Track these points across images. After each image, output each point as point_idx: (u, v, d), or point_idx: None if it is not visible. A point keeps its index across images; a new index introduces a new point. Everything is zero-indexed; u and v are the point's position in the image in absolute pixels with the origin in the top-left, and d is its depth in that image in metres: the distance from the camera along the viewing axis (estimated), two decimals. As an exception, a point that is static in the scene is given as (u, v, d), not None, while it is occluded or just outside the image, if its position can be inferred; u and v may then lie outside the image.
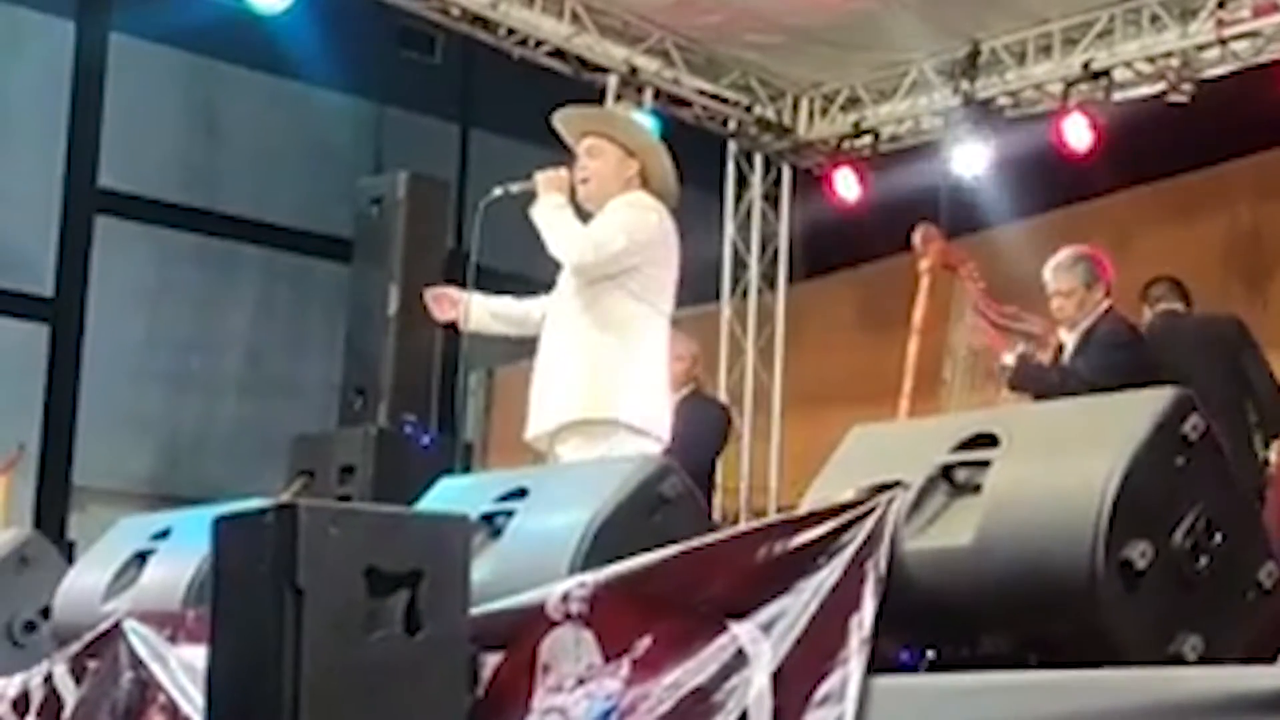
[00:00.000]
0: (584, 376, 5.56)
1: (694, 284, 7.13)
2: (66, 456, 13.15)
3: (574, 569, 3.83)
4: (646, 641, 3.55)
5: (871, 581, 3.31)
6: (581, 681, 3.62)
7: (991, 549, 3.27)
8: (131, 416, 13.50)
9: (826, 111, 11.74)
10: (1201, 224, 11.15)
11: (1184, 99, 9.91)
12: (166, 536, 5.06)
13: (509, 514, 4.20)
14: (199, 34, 12.78)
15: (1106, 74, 10.11)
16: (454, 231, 10.81)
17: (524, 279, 6.23)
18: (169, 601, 4.69)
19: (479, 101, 14.72)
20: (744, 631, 3.40)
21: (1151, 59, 10.09)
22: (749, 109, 11.74)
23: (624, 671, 3.56)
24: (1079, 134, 10.08)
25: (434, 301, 6.09)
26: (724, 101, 11.64)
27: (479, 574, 3.77)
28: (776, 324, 12.06)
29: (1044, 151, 10.34)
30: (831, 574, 3.36)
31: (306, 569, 3.37)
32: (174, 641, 4.41)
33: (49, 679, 4.76)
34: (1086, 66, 10.14)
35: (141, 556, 5.07)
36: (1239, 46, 9.80)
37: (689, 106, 11.44)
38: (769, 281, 12.13)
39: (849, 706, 3.20)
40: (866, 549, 3.35)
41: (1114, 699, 2.94)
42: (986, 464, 3.40)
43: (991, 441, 3.45)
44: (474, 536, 3.92)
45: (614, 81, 10.90)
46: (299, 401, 13.25)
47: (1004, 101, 10.80)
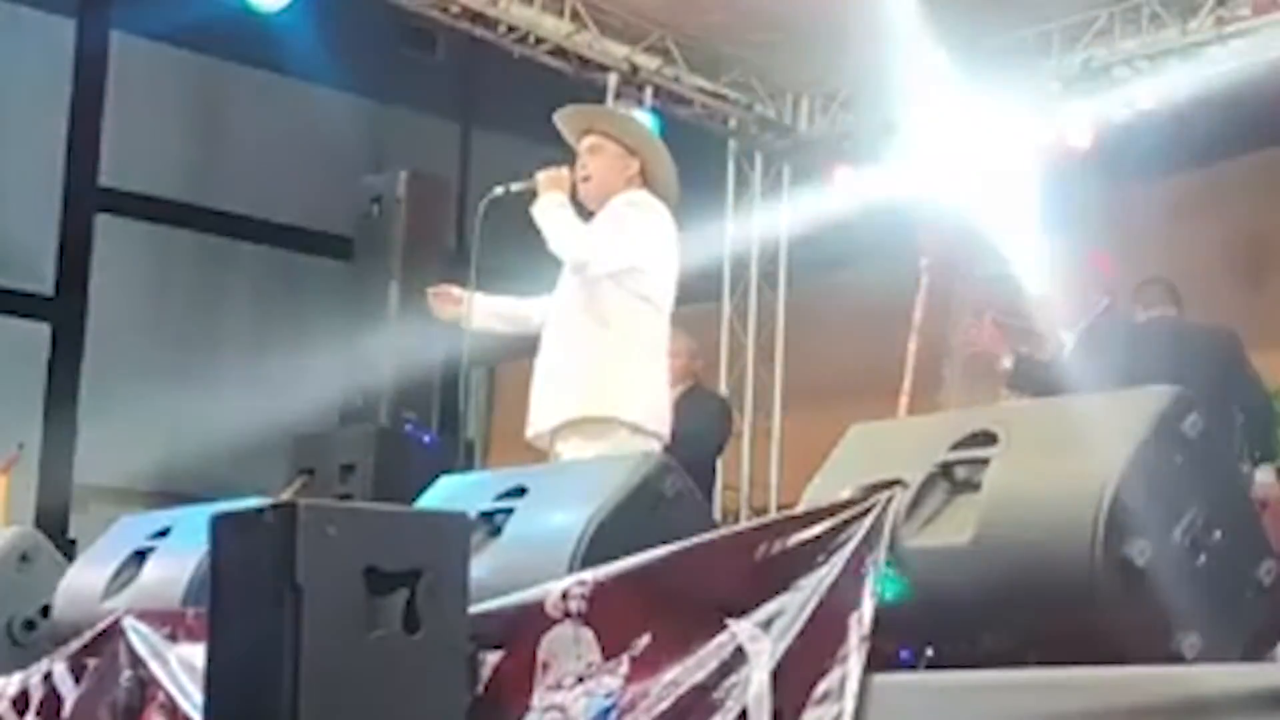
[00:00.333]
0: (584, 375, 5.56)
1: (694, 282, 7.11)
2: (67, 455, 13.13)
3: (573, 567, 3.83)
4: (646, 639, 3.55)
5: (871, 579, 3.31)
6: (581, 679, 3.63)
7: (990, 547, 3.27)
8: (132, 414, 13.46)
9: (827, 109, 11.74)
10: (1201, 222, 11.13)
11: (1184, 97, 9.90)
12: (166, 535, 5.06)
13: (508, 512, 4.21)
14: (200, 32, 12.76)
15: (1106, 72, 10.10)
16: (455, 230, 10.78)
17: (525, 277, 6.23)
18: (169, 600, 4.70)
19: (480, 100, 14.70)
20: (743, 629, 3.41)
21: (1150, 57, 10.08)
22: (749, 107, 11.74)
23: (623, 669, 3.56)
24: (1080, 132, 10.08)
25: (435, 299, 6.09)
26: (724, 99, 11.64)
27: (478, 572, 3.77)
28: (777, 322, 12.06)
29: (1044, 149, 10.32)
30: (831, 572, 3.36)
31: (305, 567, 3.37)
32: (174, 640, 4.42)
33: (49, 677, 4.76)
34: (1086, 64, 10.14)
35: (141, 555, 5.07)
36: (1239, 44, 9.79)
37: (689, 105, 11.44)
38: (769, 280, 12.13)
39: (848, 704, 3.20)
40: (866, 547, 3.35)
41: (1113, 697, 2.94)
42: (985, 462, 3.41)
43: (990, 439, 3.45)
44: (473, 535, 3.93)
45: (614, 80, 10.90)
46: (300, 400, 13.23)
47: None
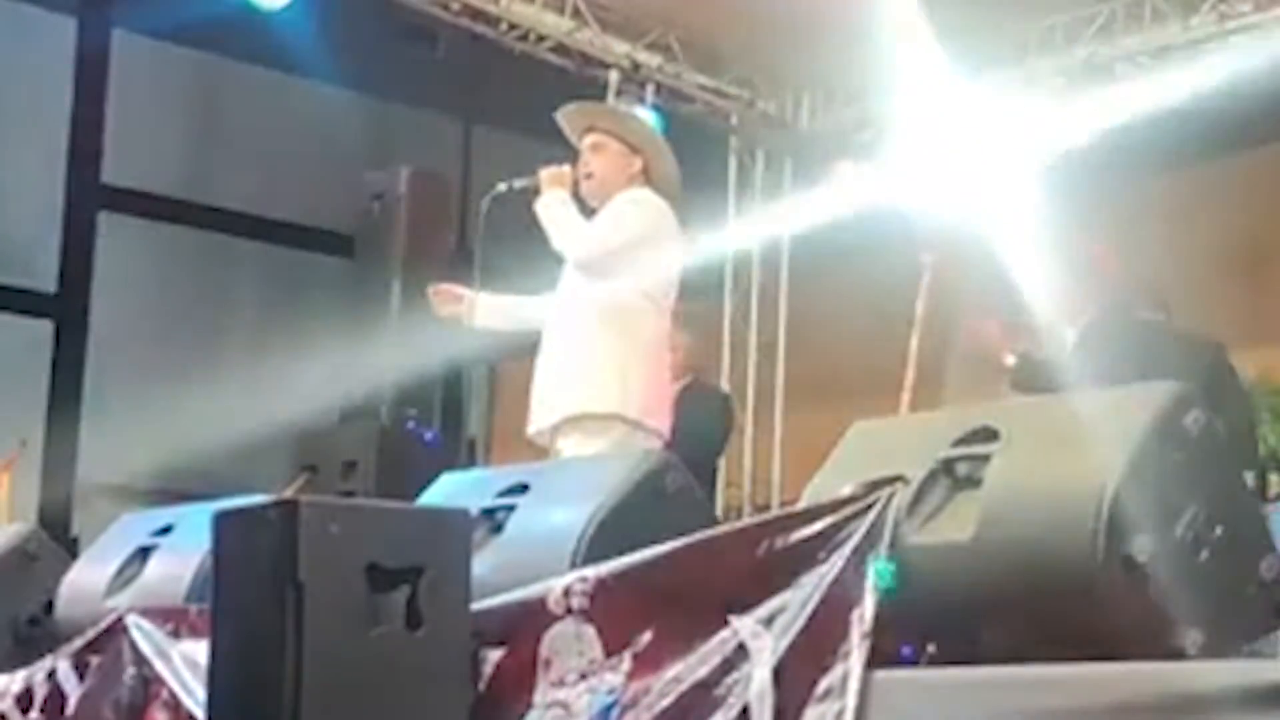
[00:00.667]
0: (585, 371, 5.57)
1: (697, 279, 7.12)
2: (70, 452, 13.14)
3: (575, 564, 3.84)
4: (648, 636, 3.56)
5: (872, 576, 3.32)
6: (583, 676, 3.63)
7: (992, 544, 3.27)
8: (135, 412, 13.45)
9: (829, 106, 11.73)
10: (1203, 218, 11.13)
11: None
12: (169, 532, 5.06)
13: (510, 509, 4.20)
14: (202, 30, 12.75)
15: (1108, 68, 10.10)
16: (457, 227, 10.78)
17: (527, 274, 6.23)
18: (172, 597, 4.70)
19: (481, 97, 14.67)
20: (745, 626, 3.41)
21: (1153, 53, 10.08)
22: (751, 104, 11.74)
23: (626, 666, 3.56)
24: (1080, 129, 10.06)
25: (435, 297, 6.09)
26: (726, 96, 11.64)
27: (480, 569, 3.77)
28: (779, 319, 12.05)
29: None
30: (832, 568, 3.36)
31: (307, 564, 3.38)
32: (176, 637, 4.42)
33: (52, 675, 4.77)
34: (1088, 61, 10.13)
35: (144, 552, 5.07)
36: (1241, 40, 9.79)
37: (691, 101, 11.44)
38: (772, 277, 12.12)
39: (850, 701, 3.20)
40: (867, 543, 3.35)
41: (1115, 693, 2.94)
42: (987, 458, 3.40)
43: (992, 436, 3.45)
44: (475, 532, 3.93)
45: (616, 77, 10.90)
46: (302, 397, 13.24)
47: (1006, 96, 10.78)
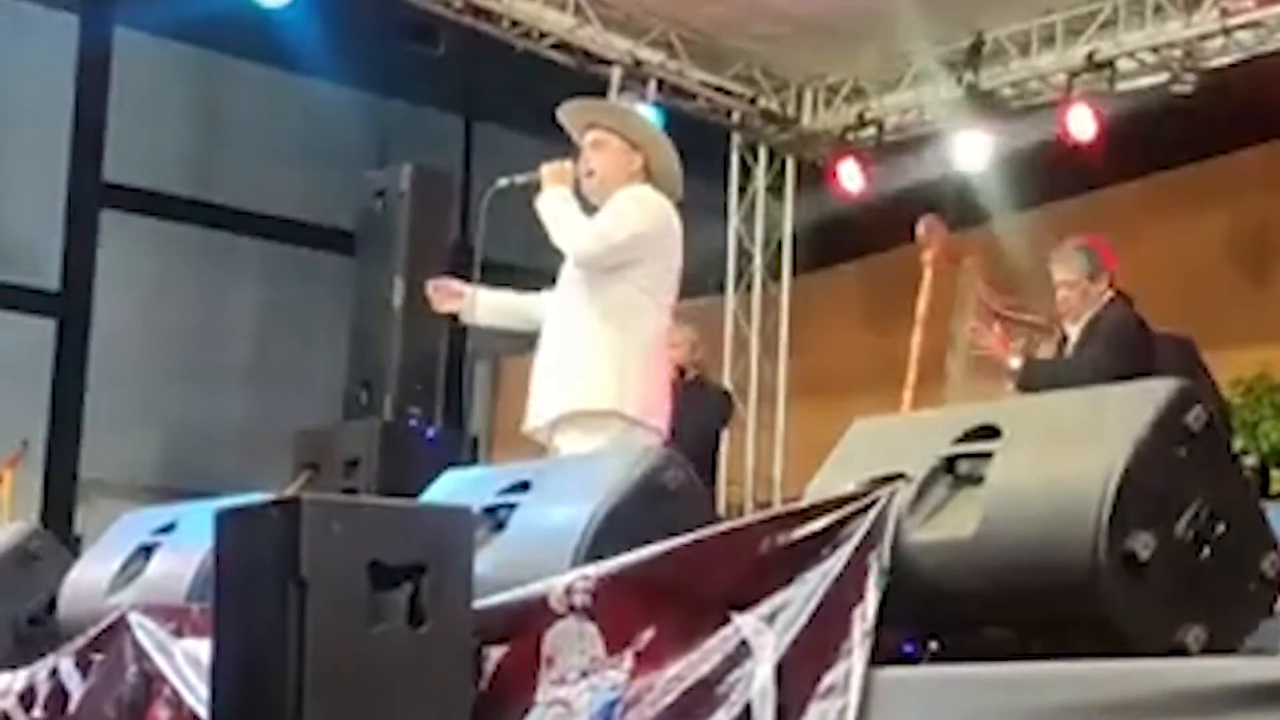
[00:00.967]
0: (583, 368, 5.57)
1: (698, 276, 7.12)
2: (73, 450, 13.15)
3: (577, 561, 3.83)
4: (650, 633, 3.56)
5: (874, 573, 3.32)
6: (585, 674, 3.63)
7: (994, 540, 3.28)
8: (137, 410, 13.49)
9: (830, 103, 11.74)
10: (1205, 215, 11.14)
11: (1188, 89, 9.90)
12: (171, 530, 5.07)
13: (512, 507, 4.21)
14: (203, 27, 12.76)
15: (1110, 64, 10.10)
16: (459, 223, 10.78)
17: (528, 271, 6.23)
18: (174, 595, 4.70)
19: (483, 94, 14.69)
20: (747, 623, 3.41)
21: (1155, 49, 10.08)
22: (753, 101, 11.74)
23: (627, 663, 3.56)
24: (1083, 125, 10.07)
25: (436, 294, 6.09)
26: (728, 93, 11.63)
27: (482, 567, 3.78)
28: (780, 316, 12.05)
29: (1048, 142, 10.32)
30: (835, 566, 3.36)
31: (309, 562, 3.38)
32: (179, 635, 4.42)
33: (55, 672, 4.77)
34: (1090, 57, 10.13)
35: (146, 550, 5.08)
36: (1243, 36, 9.79)
37: (693, 98, 11.44)
38: (773, 273, 12.12)
39: (852, 698, 3.20)
40: (869, 540, 3.35)
41: (1117, 690, 2.95)
42: (989, 456, 3.41)
43: (994, 433, 3.45)
44: (477, 529, 3.93)
45: (618, 74, 10.90)
46: (304, 395, 13.23)
47: (1008, 92, 10.79)
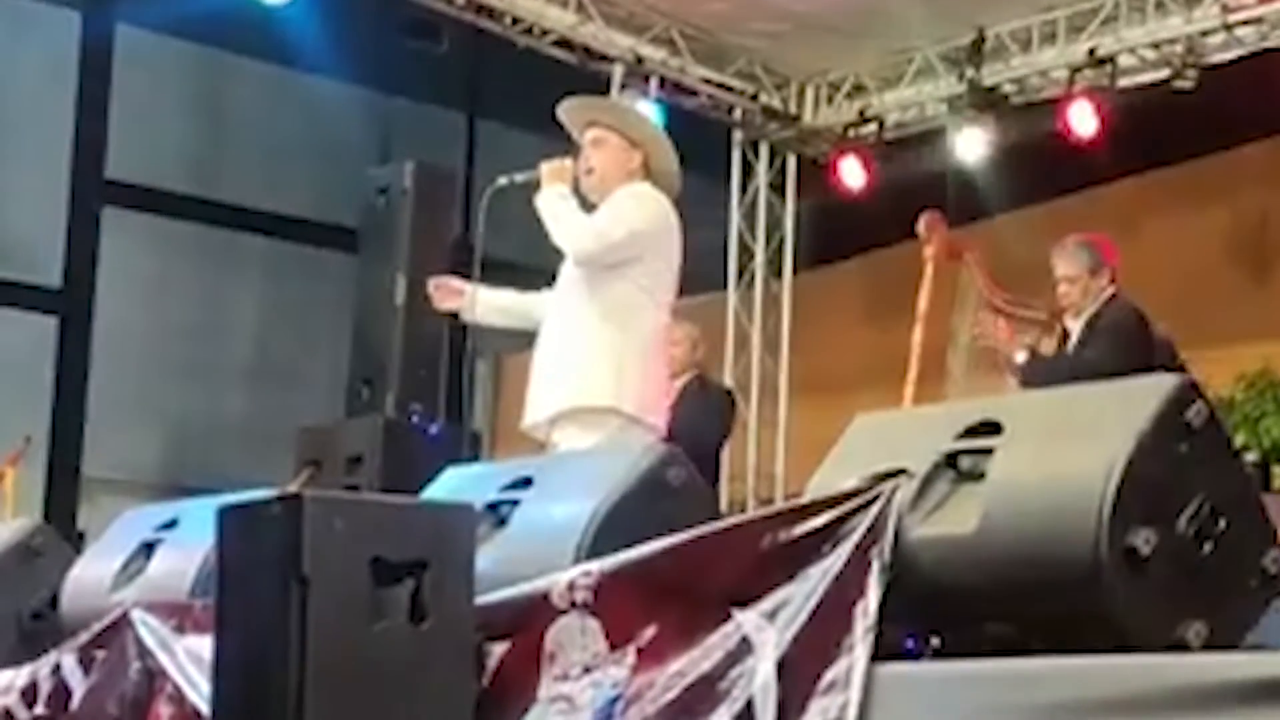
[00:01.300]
0: (582, 365, 5.57)
1: (700, 273, 7.12)
2: (75, 447, 13.16)
3: (579, 557, 3.84)
4: (652, 630, 3.56)
5: (876, 569, 3.32)
6: (587, 670, 3.63)
7: (995, 536, 3.28)
8: (140, 407, 13.50)
9: (832, 99, 11.73)
10: (1207, 210, 11.13)
11: (1189, 85, 9.89)
12: (174, 527, 5.07)
13: (514, 503, 4.21)
14: (205, 24, 12.76)
15: (1111, 60, 10.09)
16: (461, 221, 10.79)
17: (528, 268, 6.23)
18: (176, 592, 4.71)
19: (485, 91, 14.70)
20: (749, 619, 3.41)
21: (1156, 45, 10.08)
22: (754, 97, 11.73)
23: (630, 659, 3.57)
24: (1084, 121, 10.06)
25: (437, 292, 6.10)
26: (729, 90, 11.63)
27: (484, 563, 3.78)
28: (782, 312, 12.05)
29: (1049, 138, 10.32)
30: (836, 562, 3.37)
31: (311, 559, 3.38)
32: (181, 632, 4.43)
33: (57, 669, 4.77)
34: (1092, 53, 10.12)
35: (149, 547, 5.08)
36: (1244, 32, 9.79)
37: (694, 95, 11.43)
38: (775, 270, 12.12)
39: (854, 694, 3.21)
40: (871, 537, 3.36)
41: (1118, 685, 2.95)
42: (990, 451, 3.41)
43: (995, 429, 3.45)
44: (479, 526, 3.94)
45: (619, 71, 10.90)
46: (306, 392, 13.25)
47: (1009, 88, 10.79)
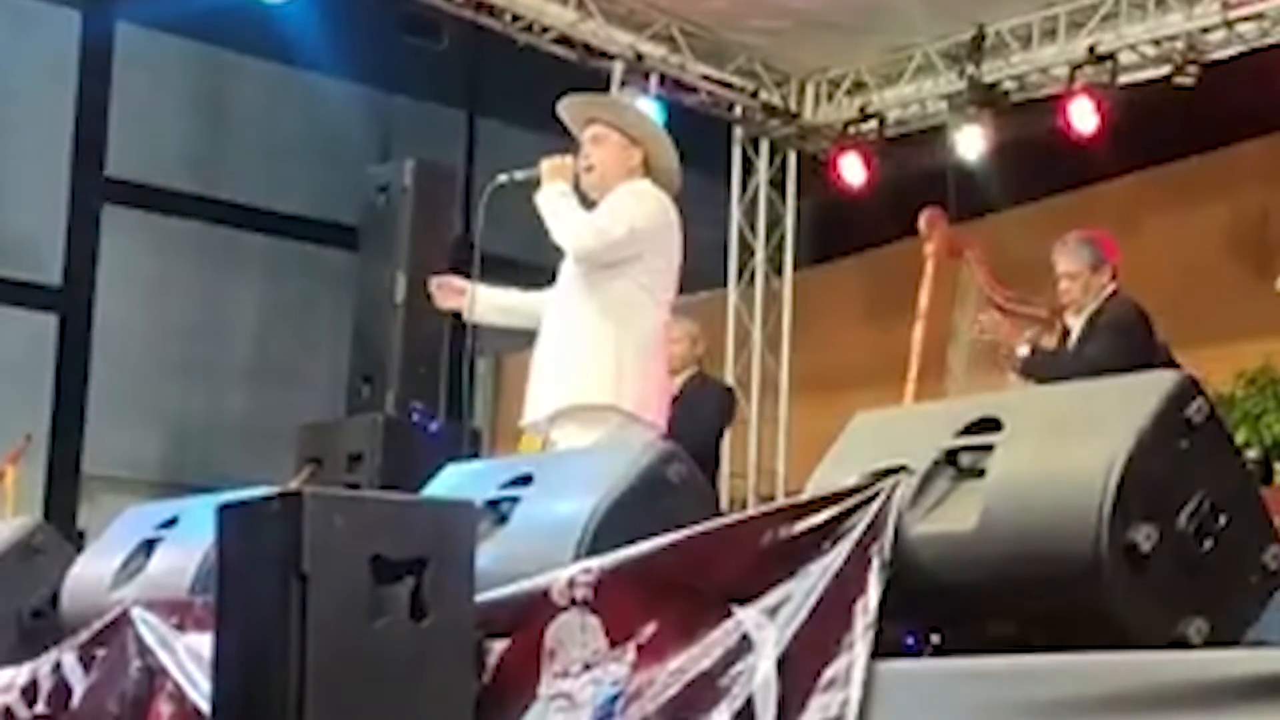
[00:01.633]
0: (581, 363, 5.57)
1: (700, 270, 7.12)
2: (76, 446, 13.16)
3: (579, 555, 3.84)
4: (652, 627, 3.56)
5: (876, 566, 3.32)
6: (588, 667, 3.63)
7: (996, 533, 3.28)
8: (140, 405, 13.50)
9: (832, 96, 11.73)
10: (1208, 207, 11.13)
11: (1190, 82, 9.89)
12: (174, 525, 5.07)
13: (514, 500, 4.21)
14: (205, 23, 12.78)
15: (1112, 57, 10.09)
16: (461, 218, 10.79)
17: (528, 266, 6.23)
18: (176, 590, 4.70)
19: (485, 88, 14.71)
20: (749, 616, 3.41)
21: (1157, 42, 10.08)
22: (755, 94, 11.73)
23: (630, 657, 3.56)
24: (1085, 117, 10.07)
25: (437, 290, 6.10)
26: (729, 87, 11.63)
27: (484, 560, 3.78)
28: (783, 310, 12.05)
29: (1049, 135, 10.32)
30: (836, 559, 3.36)
31: (311, 556, 3.38)
32: (181, 629, 4.43)
33: (57, 667, 4.77)
34: (1092, 50, 10.12)
35: (149, 545, 5.08)
36: (1245, 29, 9.79)
37: (694, 92, 11.43)
38: (775, 267, 12.12)
39: (854, 691, 3.21)
40: (871, 534, 3.35)
41: (1119, 682, 2.95)
42: (990, 448, 3.40)
43: (995, 426, 3.45)
44: (479, 523, 3.94)
45: (619, 68, 10.90)
46: (307, 390, 13.26)
47: (1009, 85, 10.79)
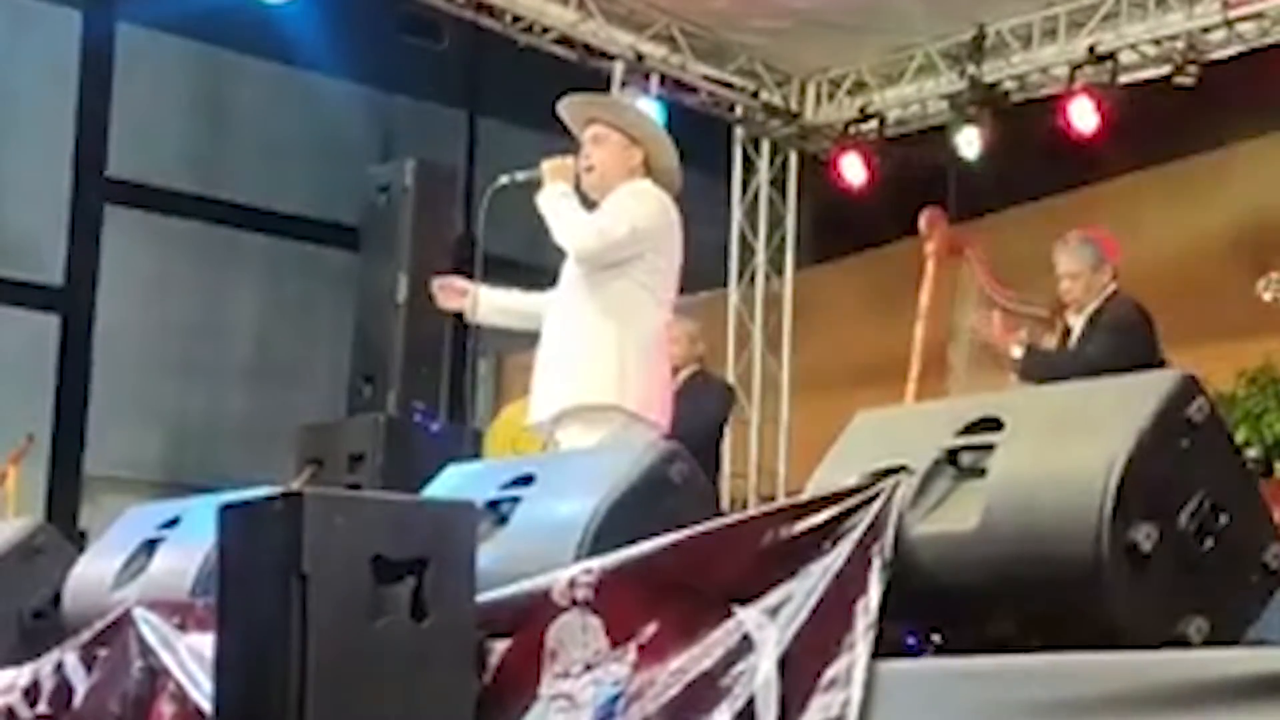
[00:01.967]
0: (584, 363, 5.57)
1: (701, 270, 7.12)
2: (77, 446, 13.16)
3: (580, 555, 3.84)
4: (653, 627, 3.56)
5: (877, 566, 3.32)
6: (589, 667, 3.63)
7: (996, 533, 3.28)
8: (142, 405, 13.50)
9: (833, 96, 11.73)
10: (1208, 207, 11.13)
11: (1190, 82, 9.89)
12: (175, 525, 5.07)
13: (515, 500, 4.21)
14: (206, 23, 12.78)
15: (1112, 57, 10.09)
16: (462, 218, 10.79)
17: (530, 266, 6.24)
18: (178, 590, 4.71)
19: (486, 88, 14.70)
20: (750, 617, 3.41)
21: (1157, 41, 10.08)
22: (755, 94, 11.73)
23: (631, 657, 3.57)
24: (1085, 117, 10.07)
25: (440, 291, 6.10)
26: (730, 87, 11.63)
27: (485, 560, 3.78)
28: (784, 309, 12.05)
29: (1050, 135, 10.33)
30: (837, 559, 3.37)
31: (312, 557, 3.38)
32: (183, 630, 4.43)
33: (59, 668, 4.77)
34: (1092, 49, 10.12)
35: (150, 545, 5.08)
36: (1245, 28, 9.79)
37: (695, 92, 11.43)
38: (776, 267, 12.12)
39: (855, 691, 3.21)
40: (872, 533, 3.35)
41: (1119, 682, 2.95)
42: (991, 448, 3.40)
43: (996, 425, 3.45)
44: (480, 523, 3.94)
45: (620, 68, 10.90)
46: (308, 390, 13.26)
47: (1010, 85, 10.79)
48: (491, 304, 6.00)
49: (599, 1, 10.74)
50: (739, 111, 11.84)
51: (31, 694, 4.83)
